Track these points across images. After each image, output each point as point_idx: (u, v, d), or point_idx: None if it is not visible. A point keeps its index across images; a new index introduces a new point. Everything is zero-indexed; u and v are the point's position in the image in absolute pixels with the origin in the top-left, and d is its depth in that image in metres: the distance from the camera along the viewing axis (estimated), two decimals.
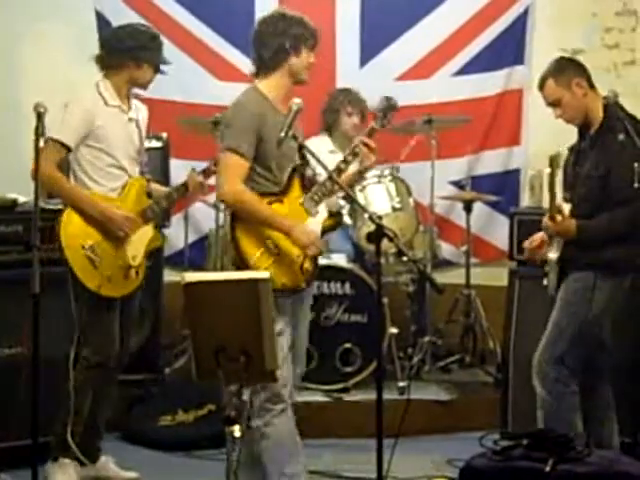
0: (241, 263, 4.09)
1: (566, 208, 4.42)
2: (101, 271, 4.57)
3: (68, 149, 4.53)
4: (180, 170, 6.55)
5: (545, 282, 4.52)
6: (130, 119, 4.74)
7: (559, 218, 4.32)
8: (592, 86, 4.47)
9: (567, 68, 4.48)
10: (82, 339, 4.61)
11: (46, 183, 4.46)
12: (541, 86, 4.52)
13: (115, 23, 6.08)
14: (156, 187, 4.89)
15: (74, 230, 4.52)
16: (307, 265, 4.19)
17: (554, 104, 4.48)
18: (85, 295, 4.56)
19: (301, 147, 4.18)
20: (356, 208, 5.86)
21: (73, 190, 4.57)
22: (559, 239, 4.42)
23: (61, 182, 4.54)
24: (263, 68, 4.29)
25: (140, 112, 4.84)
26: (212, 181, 6.27)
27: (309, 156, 4.23)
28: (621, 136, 4.32)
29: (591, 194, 4.36)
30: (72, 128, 4.54)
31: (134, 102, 4.82)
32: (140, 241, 4.73)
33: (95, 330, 4.63)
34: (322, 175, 4.29)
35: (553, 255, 4.44)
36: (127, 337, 4.85)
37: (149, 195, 4.78)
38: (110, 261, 4.59)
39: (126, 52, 4.67)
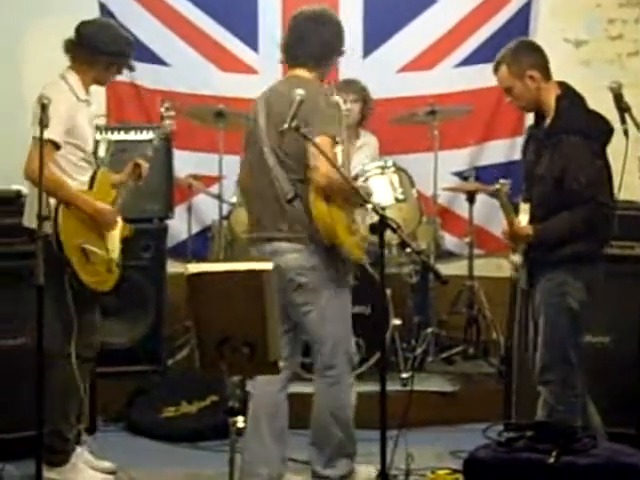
0: None
1: (525, 208, 4.40)
2: (94, 267, 4.58)
3: (57, 147, 4.46)
4: (183, 161, 6.58)
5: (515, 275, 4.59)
6: (92, 114, 4.74)
7: (517, 225, 4.33)
8: (548, 76, 4.36)
9: (523, 57, 4.35)
10: (75, 336, 4.55)
11: (50, 186, 4.34)
12: (495, 69, 4.42)
13: (119, 14, 6.08)
14: (114, 177, 4.85)
15: (71, 227, 4.49)
16: None
17: (506, 90, 4.41)
18: (80, 291, 4.54)
19: (305, 138, 4.15)
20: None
21: (71, 189, 4.52)
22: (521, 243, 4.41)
23: (62, 182, 4.48)
24: (307, 61, 4.45)
25: None
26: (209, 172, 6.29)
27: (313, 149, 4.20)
28: (573, 138, 4.22)
29: (546, 196, 4.31)
30: (60, 126, 4.44)
31: None
32: (115, 234, 4.74)
33: (86, 326, 4.63)
34: None
35: (517, 258, 4.42)
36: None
37: (113, 186, 4.77)
38: (99, 256, 4.60)
39: (106, 55, 4.63)
